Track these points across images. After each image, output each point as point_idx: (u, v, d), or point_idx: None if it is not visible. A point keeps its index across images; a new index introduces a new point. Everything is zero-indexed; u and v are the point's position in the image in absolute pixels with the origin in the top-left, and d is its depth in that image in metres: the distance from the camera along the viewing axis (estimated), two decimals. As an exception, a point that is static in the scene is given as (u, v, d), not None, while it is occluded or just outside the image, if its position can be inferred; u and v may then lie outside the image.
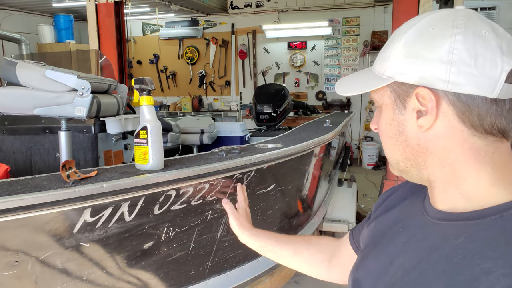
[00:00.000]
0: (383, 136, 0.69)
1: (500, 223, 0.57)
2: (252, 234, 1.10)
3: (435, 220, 0.65)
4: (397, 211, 0.78)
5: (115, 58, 4.21)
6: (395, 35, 0.65)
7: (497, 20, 6.24)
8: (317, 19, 6.84)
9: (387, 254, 0.70)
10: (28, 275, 1.14)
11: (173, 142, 3.14)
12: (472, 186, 0.61)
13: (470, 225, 0.60)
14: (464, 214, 0.61)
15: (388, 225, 0.76)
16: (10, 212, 1.00)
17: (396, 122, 0.65)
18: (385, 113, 0.67)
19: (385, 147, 0.70)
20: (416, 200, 0.74)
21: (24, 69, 1.79)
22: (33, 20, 6.86)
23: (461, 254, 0.57)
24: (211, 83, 7.92)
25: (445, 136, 0.61)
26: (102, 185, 1.14)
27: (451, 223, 0.62)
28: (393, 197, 0.83)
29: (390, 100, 0.65)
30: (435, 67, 0.58)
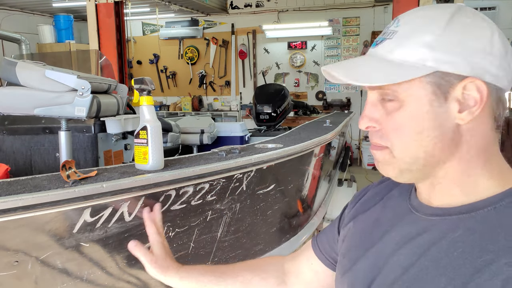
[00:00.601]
0: (404, 132, 0.61)
1: (495, 215, 0.58)
2: (182, 276, 0.89)
3: (427, 216, 0.64)
4: (378, 211, 0.76)
5: (115, 58, 4.22)
6: (422, 22, 0.60)
7: (497, 20, 6.24)
8: (317, 19, 6.84)
9: (379, 254, 0.68)
10: (28, 275, 1.14)
11: (173, 142, 3.14)
12: (476, 181, 0.62)
13: (465, 219, 0.60)
14: (457, 208, 0.61)
15: (372, 225, 0.74)
16: (10, 212, 1.00)
17: (432, 116, 0.59)
18: (414, 106, 0.59)
19: (403, 144, 0.61)
20: (398, 199, 0.73)
21: (24, 69, 1.79)
22: (33, 20, 6.86)
23: (460, 248, 0.58)
24: (211, 83, 7.91)
25: (474, 129, 0.60)
26: (102, 185, 1.14)
27: (446, 218, 0.62)
28: (366, 197, 0.81)
29: (425, 91, 0.59)
30: (484, 58, 0.57)
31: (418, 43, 0.59)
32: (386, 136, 0.62)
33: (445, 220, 0.62)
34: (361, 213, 0.79)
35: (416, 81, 0.59)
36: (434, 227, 0.62)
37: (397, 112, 0.61)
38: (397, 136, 0.61)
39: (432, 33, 0.58)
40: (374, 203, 0.78)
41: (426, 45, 0.58)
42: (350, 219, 0.81)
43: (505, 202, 0.59)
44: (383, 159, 0.64)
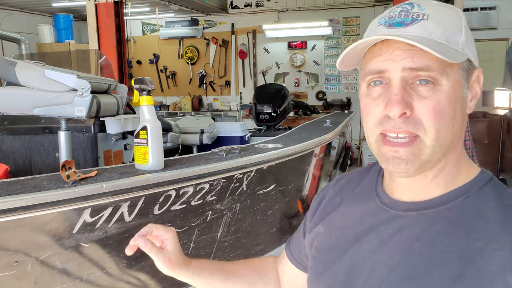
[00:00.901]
0: (441, 117, 0.57)
1: (470, 204, 0.60)
2: (193, 273, 0.84)
3: (403, 212, 0.64)
4: (345, 211, 0.75)
5: (115, 58, 4.21)
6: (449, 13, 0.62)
7: (497, 20, 6.24)
8: (317, 19, 6.84)
9: (358, 255, 0.67)
10: (28, 275, 1.14)
11: (173, 142, 3.14)
12: (459, 171, 0.64)
13: (443, 211, 0.61)
14: (432, 201, 0.62)
15: (343, 226, 0.73)
16: (9, 212, 0.99)
17: (462, 101, 0.60)
18: (451, 90, 0.58)
19: (438, 129, 0.58)
20: (364, 197, 0.73)
21: (23, 69, 1.78)
22: (32, 20, 6.86)
23: (445, 240, 0.58)
24: (211, 83, 7.91)
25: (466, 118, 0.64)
26: (101, 185, 1.14)
27: (423, 213, 0.62)
28: (328, 199, 0.81)
29: (459, 76, 0.59)
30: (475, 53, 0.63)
31: (457, 28, 0.60)
32: (420, 122, 0.58)
33: (423, 214, 0.62)
34: (327, 215, 0.78)
35: (455, 65, 0.59)
36: (413, 223, 0.62)
37: (435, 95, 0.57)
38: (435, 121, 0.57)
39: (462, 20, 0.61)
40: (338, 204, 0.77)
41: (463, 32, 0.61)
42: (316, 222, 0.80)
43: (475, 191, 0.61)
44: (409, 154, 0.59)
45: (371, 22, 0.66)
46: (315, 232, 0.79)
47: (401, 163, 0.60)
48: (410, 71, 0.58)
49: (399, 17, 0.61)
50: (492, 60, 6.50)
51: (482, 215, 0.57)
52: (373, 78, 0.62)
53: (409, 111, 0.58)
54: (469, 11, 6.12)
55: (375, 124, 0.61)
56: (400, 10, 0.62)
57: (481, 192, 0.60)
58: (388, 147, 0.60)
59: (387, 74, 0.60)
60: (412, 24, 0.59)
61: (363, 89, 0.64)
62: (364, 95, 0.64)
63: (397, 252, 0.61)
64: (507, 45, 6.32)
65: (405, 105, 0.57)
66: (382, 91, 0.61)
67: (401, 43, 0.58)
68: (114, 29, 4.21)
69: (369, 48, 0.63)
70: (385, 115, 0.60)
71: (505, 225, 0.56)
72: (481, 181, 0.62)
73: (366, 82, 0.63)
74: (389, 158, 0.61)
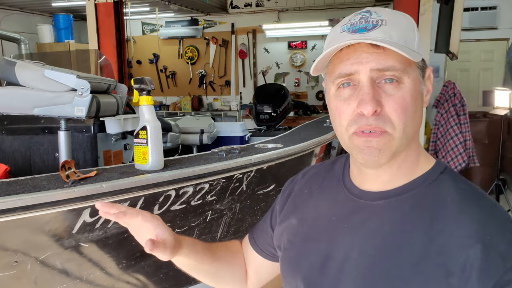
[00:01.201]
0: (406, 111, 0.64)
1: (432, 190, 0.67)
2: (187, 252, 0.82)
3: (372, 201, 0.70)
4: (315, 203, 0.79)
5: (115, 58, 4.20)
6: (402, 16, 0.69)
7: (497, 20, 6.24)
8: (317, 19, 6.83)
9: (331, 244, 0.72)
10: (28, 275, 1.14)
11: (173, 142, 3.14)
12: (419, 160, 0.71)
13: (408, 198, 0.67)
14: (397, 190, 0.68)
15: (314, 217, 0.78)
16: (9, 212, 0.99)
17: (421, 96, 0.67)
18: (412, 86, 0.65)
19: (405, 123, 0.64)
20: (332, 189, 0.78)
21: (23, 69, 1.78)
22: (32, 19, 6.85)
23: (412, 223, 0.64)
24: (211, 83, 7.91)
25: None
26: (101, 185, 1.14)
27: (390, 200, 0.68)
28: (296, 193, 0.85)
29: (417, 74, 0.66)
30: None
31: (412, 34, 0.66)
32: (389, 117, 0.64)
33: (390, 202, 0.68)
34: (297, 208, 0.82)
35: (413, 64, 0.65)
36: (381, 210, 0.68)
37: (400, 92, 0.64)
38: (400, 116, 0.64)
39: (413, 27, 0.67)
40: (307, 197, 0.82)
41: (416, 34, 0.67)
42: (287, 215, 0.83)
43: (434, 179, 0.68)
44: (381, 144, 0.65)
45: (332, 29, 0.71)
46: (286, 225, 0.83)
47: (375, 151, 0.65)
48: (377, 71, 0.64)
49: (360, 23, 0.66)
50: (493, 60, 6.50)
51: (442, 199, 0.65)
52: (342, 80, 0.66)
53: (380, 108, 0.64)
54: (470, 11, 6.11)
55: (349, 123, 0.66)
56: (360, 17, 0.68)
57: (439, 179, 0.68)
58: (362, 138, 0.65)
59: (356, 76, 0.65)
60: (374, 29, 0.64)
61: (333, 92, 0.69)
62: (334, 97, 0.68)
63: (368, 238, 0.67)
64: (507, 45, 6.32)
65: (376, 103, 0.63)
66: (352, 92, 0.66)
67: (366, 47, 0.64)
68: (114, 29, 4.20)
69: (335, 54, 0.67)
70: (357, 113, 0.65)
71: (462, 207, 0.63)
72: (438, 169, 0.70)
73: (336, 85, 0.68)
74: (364, 149, 0.66)
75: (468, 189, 0.67)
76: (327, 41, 0.70)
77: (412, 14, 3.33)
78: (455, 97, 4.21)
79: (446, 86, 4.30)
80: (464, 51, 5.60)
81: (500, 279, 0.56)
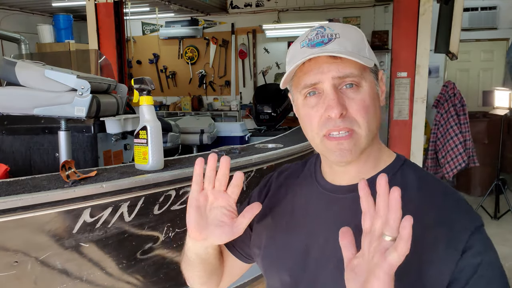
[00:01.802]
0: (368, 112, 0.72)
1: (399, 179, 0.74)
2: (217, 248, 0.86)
3: (344, 194, 0.76)
4: (291, 200, 0.84)
5: (115, 58, 4.21)
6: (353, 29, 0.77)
7: (497, 20, 6.24)
8: (317, 19, 6.83)
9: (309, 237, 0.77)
10: (28, 275, 1.14)
11: (173, 142, 3.14)
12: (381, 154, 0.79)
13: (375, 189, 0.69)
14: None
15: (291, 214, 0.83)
16: (9, 212, 0.99)
17: (377, 97, 0.76)
18: (369, 89, 0.73)
19: (368, 122, 0.72)
20: (307, 187, 0.84)
21: (23, 69, 1.78)
22: (32, 19, 6.85)
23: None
24: (211, 83, 7.91)
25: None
26: (101, 185, 1.14)
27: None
28: (273, 191, 0.89)
29: (372, 78, 0.75)
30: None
31: (363, 43, 0.75)
32: (354, 118, 0.72)
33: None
34: (274, 206, 0.86)
35: (368, 69, 0.74)
36: (353, 202, 0.70)
37: (360, 95, 0.72)
38: (363, 116, 0.72)
39: (363, 38, 0.76)
40: (284, 194, 0.87)
41: (366, 44, 0.75)
42: (264, 214, 0.86)
43: (397, 168, 0.77)
44: (351, 145, 0.73)
45: (292, 45, 0.79)
46: (265, 223, 0.87)
47: (346, 152, 0.73)
48: (338, 79, 0.72)
49: (317, 38, 0.73)
50: (492, 60, 6.50)
51: (407, 186, 0.71)
52: (308, 90, 0.74)
53: (345, 111, 0.71)
54: (469, 11, 6.12)
55: (319, 127, 0.74)
56: (316, 33, 0.75)
57: (402, 169, 0.77)
58: (333, 142, 0.73)
59: (320, 85, 0.73)
60: (330, 42, 0.72)
61: (300, 101, 0.77)
62: (303, 106, 0.76)
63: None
64: (507, 45, 6.32)
65: (341, 107, 0.71)
66: (318, 99, 0.74)
67: (326, 58, 0.72)
68: (114, 29, 4.20)
69: (299, 67, 0.75)
70: (326, 117, 0.72)
71: (424, 192, 0.72)
72: (400, 161, 0.78)
73: (303, 95, 0.76)
74: (336, 151, 0.73)
75: (425, 176, 0.77)
76: (289, 57, 0.78)
77: (412, 14, 3.33)
78: (455, 97, 4.21)
79: (446, 86, 4.31)
80: (464, 51, 5.61)
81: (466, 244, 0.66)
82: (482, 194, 4.64)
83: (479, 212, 4.39)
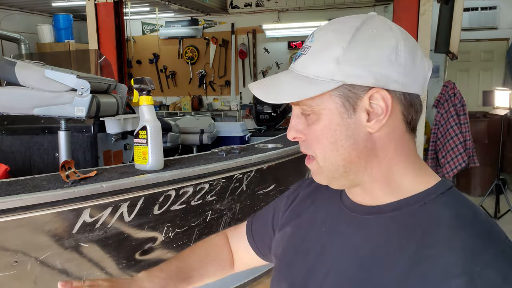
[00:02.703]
0: (321, 143, 0.64)
1: (424, 211, 0.62)
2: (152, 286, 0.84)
3: (362, 215, 0.68)
4: (312, 213, 0.79)
5: (115, 58, 4.20)
6: (331, 37, 0.62)
7: (497, 20, 6.24)
8: (317, 19, 6.83)
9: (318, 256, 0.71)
10: (28, 275, 1.14)
11: (173, 142, 3.14)
12: (400, 180, 0.65)
13: (397, 216, 0.64)
14: (388, 206, 0.65)
15: (307, 228, 0.77)
16: (9, 212, 0.99)
17: (343, 127, 0.62)
18: (327, 119, 0.62)
19: (323, 153, 0.65)
20: (330, 201, 0.76)
21: (23, 69, 1.78)
22: (32, 19, 6.85)
23: (398, 243, 0.61)
24: (211, 83, 7.91)
25: (388, 135, 0.64)
26: (101, 185, 1.14)
27: (379, 216, 0.65)
28: (299, 200, 0.84)
29: (335, 104, 0.62)
30: (387, 68, 0.60)
31: (327, 58, 0.61)
32: (310, 146, 0.66)
33: (379, 217, 0.65)
34: (296, 217, 0.82)
35: (327, 95, 0.61)
36: (369, 225, 0.66)
37: (315, 124, 0.64)
38: (317, 147, 0.65)
39: (338, 47, 0.60)
40: (307, 206, 0.81)
41: (334, 60, 0.60)
42: (286, 223, 0.83)
43: (432, 199, 0.63)
44: (314, 169, 0.68)
45: None
46: (283, 233, 0.83)
47: (314, 174, 0.69)
48: (297, 104, 0.66)
49: (300, 49, 0.66)
50: (493, 60, 6.50)
51: (434, 221, 0.60)
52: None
53: (303, 136, 0.67)
54: (470, 10, 6.12)
55: None
56: (305, 42, 0.66)
57: (437, 200, 0.63)
58: (306, 162, 0.69)
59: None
60: (299, 58, 0.65)
61: None
62: None
63: (353, 253, 0.65)
64: (507, 45, 6.32)
65: (295, 131, 0.67)
66: None
67: None
68: (114, 29, 4.20)
69: None
70: None
71: (454, 233, 0.58)
72: (439, 190, 0.64)
73: None
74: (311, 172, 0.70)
75: (468, 214, 0.61)
76: None
77: (412, 14, 3.33)
78: (455, 97, 4.21)
79: (446, 86, 4.30)
80: (464, 51, 5.60)
81: None
82: (482, 194, 4.64)
83: (479, 212, 4.38)
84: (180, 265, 0.92)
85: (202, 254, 0.96)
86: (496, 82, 6.32)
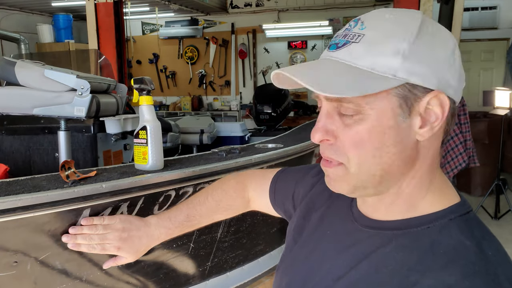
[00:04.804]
0: (362, 147, 0.55)
1: (427, 235, 0.56)
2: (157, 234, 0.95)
3: (363, 227, 0.63)
4: (324, 210, 0.75)
5: (115, 58, 4.20)
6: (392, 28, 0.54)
7: (497, 20, 6.24)
8: (317, 19, 6.83)
9: (317, 260, 0.68)
10: (27, 275, 1.13)
11: (173, 142, 3.14)
12: (423, 197, 0.59)
13: (399, 235, 0.58)
14: (393, 223, 0.60)
15: (316, 224, 0.74)
16: (9, 212, 0.99)
17: (395, 131, 0.54)
18: (377, 120, 0.54)
19: (360, 159, 0.56)
20: (342, 203, 0.71)
21: (23, 68, 1.78)
22: (32, 19, 6.85)
23: (391, 265, 0.56)
24: (211, 83, 7.91)
25: (431, 145, 0.58)
26: (101, 185, 1.14)
27: (380, 232, 0.61)
28: (319, 189, 0.78)
29: (391, 104, 0.53)
30: (447, 71, 0.54)
31: (389, 51, 0.52)
32: (342, 150, 0.57)
33: (380, 234, 0.61)
34: (312, 208, 0.78)
35: (384, 93, 0.53)
36: (367, 240, 0.61)
37: (357, 125, 0.55)
38: (355, 152, 0.56)
39: (403, 40, 0.52)
40: (324, 201, 0.76)
41: (400, 53, 0.52)
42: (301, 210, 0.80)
43: (439, 223, 0.56)
44: (336, 175, 0.60)
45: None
46: (297, 219, 0.80)
47: (331, 181, 0.62)
48: (332, 101, 0.56)
49: (339, 37, 0.57)
50: (493, 60, 6.50)
51: (433, 248, 0.54)
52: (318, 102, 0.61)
53: (333, 138, 0.57)
54: (470, 10, 6.11)
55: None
56: (345, 28, 0.57)
57: (445, 225, 0.56)
58: (323, 166, 0.62)
59: (319, 102, 0.60)
60: (343, 47, 0.55)
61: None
62: None
63: (346, 266, 0.62)
64: (507, 45, 6.32)
65: (325, 133, 0.57)
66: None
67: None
68: (113, 29, 4.20)
69: None
70: None
71: (445, 265, 0.52)
72: (452, 214, 0.57)
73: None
74: (325, 176, 0.63)
75: (470, 248, 0.53)
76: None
77: (412, 14, 3.33)
78: (455, 97, 4.21)
79: (446, 86, 4.30)
80: (464, 51, 5.60)
81: None
82: (483, 194, 4.64)
83: (479, 212, 4.39)
84: (190, 213, 0.96)
85: (213, 204, 0.97)
86: (496, 82, 6.32)
